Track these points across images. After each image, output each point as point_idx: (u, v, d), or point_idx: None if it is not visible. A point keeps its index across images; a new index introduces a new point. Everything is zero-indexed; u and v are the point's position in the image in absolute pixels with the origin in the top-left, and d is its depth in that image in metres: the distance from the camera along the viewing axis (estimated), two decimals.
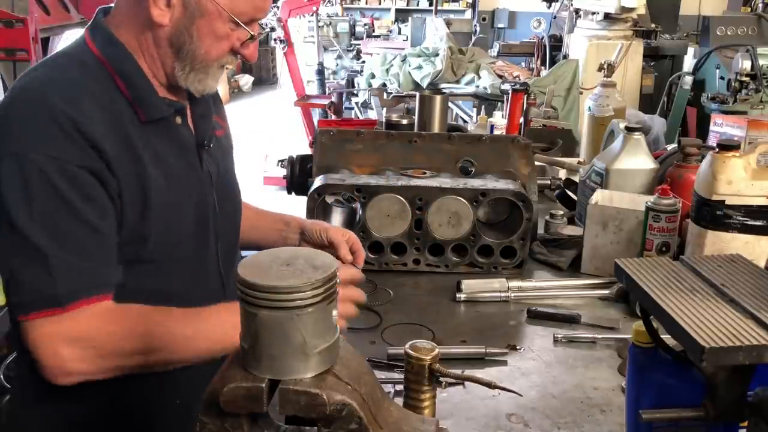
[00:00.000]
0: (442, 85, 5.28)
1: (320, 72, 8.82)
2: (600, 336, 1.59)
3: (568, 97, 4.60)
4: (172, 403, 1.39)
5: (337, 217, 2.02)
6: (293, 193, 2.18)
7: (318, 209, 1.89)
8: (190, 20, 1.28)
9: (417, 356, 1.07)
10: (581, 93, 4.56)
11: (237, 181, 1.59)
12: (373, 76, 6.11)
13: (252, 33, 1.34)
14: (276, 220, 1.72)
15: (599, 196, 1.95)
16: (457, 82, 5.41)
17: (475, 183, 1.92)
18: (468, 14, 10.69)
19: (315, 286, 0.77)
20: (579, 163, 2.81)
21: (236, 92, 13.39)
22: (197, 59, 1.32)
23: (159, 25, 1.28)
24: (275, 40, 8.17)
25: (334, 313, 0.81)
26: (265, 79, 14.60)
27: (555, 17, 6.14)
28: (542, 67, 5.75)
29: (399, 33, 11.81)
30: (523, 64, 6.38)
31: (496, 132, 3.14)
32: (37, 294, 1.16)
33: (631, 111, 3.35)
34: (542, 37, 6.03)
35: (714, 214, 1.64)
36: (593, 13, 5.08)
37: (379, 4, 13.86)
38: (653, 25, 5.55)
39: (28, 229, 1.15)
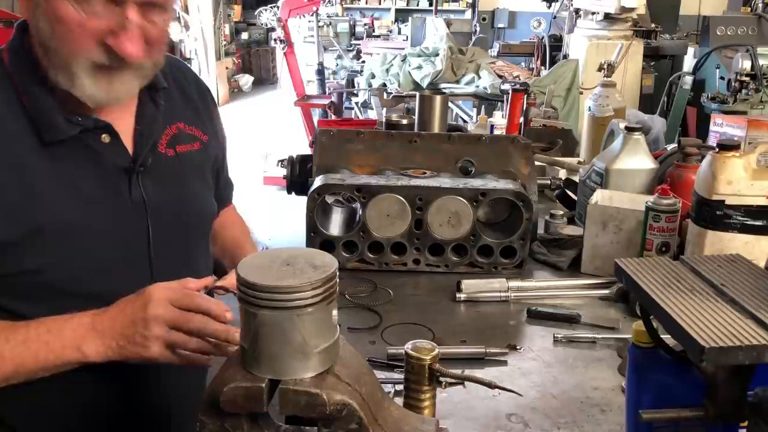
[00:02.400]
0: (442, 85, 5.29)
1: (320, 72, 8.82)
2: (600, 336, 1.59)
3: (568, 97, 4.61)
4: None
5: (337, 217, 2.02)
6: (293, 193, 2.18)
7: (318, 209, 1.89)
8: (36, 6, 1.11)
9: (417, 356, 1.08)
10: (581, 93, 4.57)
11: (203, 201, 1.44)
12: (373, 76, 6.11)
13: (121, 18, 1.10)
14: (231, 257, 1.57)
15: (599, 196, 1.95)
16: (457, 82, 5.42)
17: (475, 183, 1.92)
18: (468, 14, 10.70)
19: (315, 286, 0.77)
20: (579, 163, 2.81)
21: (236, 92, 13.41)
22: (53, 54, 1.13)
23: (27, 20, 1.15)
24: (275, 40, 8.18)
25: (334, 313, 0.81)
26: (265, 79, 14.61)
27: (555, 17, 6.15)
28: (542, 67, 5.76)
29: (399, 33, 11.83)
30: (523, 64, 6.39)
31: (496, 132, 3.14)
32: None
33: (631, 111, 3.35)
34: (542, 37, 6.04)
35: (714, 214, 1.64)
36: (593, 13, 5.09)
37: (379, 4, 13.88)
38: (653, 25, 5.56)
39: None
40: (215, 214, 1.50)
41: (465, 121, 5.06)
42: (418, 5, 13.51)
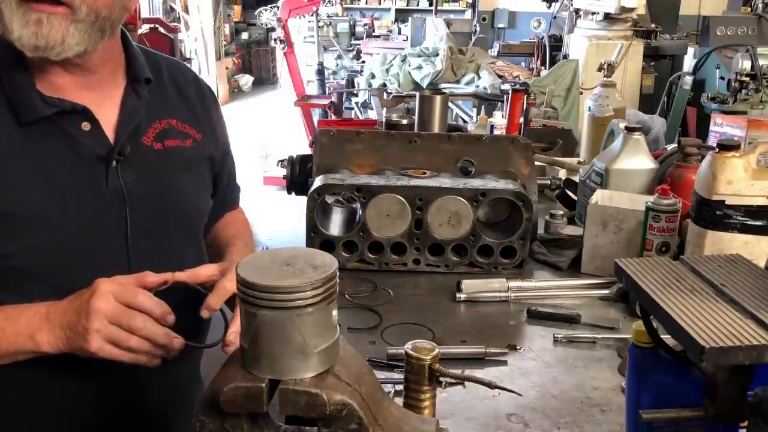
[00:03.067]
0: (442, 85, 5.29)
1: (320, 72, 8.83)
2: (600, 336, 1.59)
3: (568, 97, 4.61)
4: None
5: (337, 217, 2.02)
6: (293, 193, 2.18)
7: (318, 209, 1.89)
8: None
9: (417, 356, 1.08)
10: (581, 93, 4.57)
11: (193, 197, 1.42)
12: (373, 76, 6.12)
13: None
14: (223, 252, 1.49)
15: (599, 196, 1.95)
16: (457, 82, 5.42)
17: (475, 183, 1.92)
18: (468, 14, 10.71)
19: (315, 286, 0.77)
20: (579, 163, 2.81)
21: (236, 92, 13.41)
22: None
23: None
24: (275, 40, 8.19)
25: (334, 313, 0.81)
26: (265, 79, 14.62)
27: (555, 17, 6.15)
28: (542, 67, 5.76)
29: (399, 33, 11.83)
30: (523, 64, 6.40)
31: (496, 132, 3.14)
32: None
33: (631, 111, 3.35)
34: (542, 37, 6.03)
35: (714, 214, 1.64)
36: (593, 13, 5.09)
37: (379, 4, 13.89)
38: (653, 25, 5.56)
39: None
40: (207, 212, 1.48)
41: (465, 121, 5.06)
42: (418, 5, 13.51)
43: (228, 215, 1.62)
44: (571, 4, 5.37)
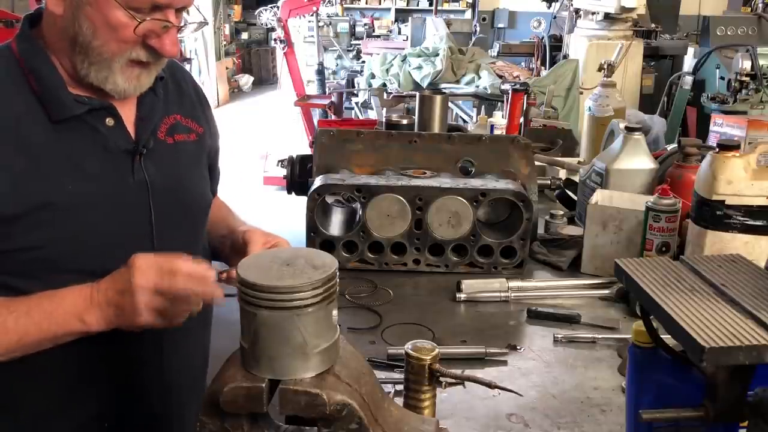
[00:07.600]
0: (442, 85, 5.29)
1: (320, 72, 8.83)
2: (600, 336, 1.59)
3: (568, 97, 4.61)
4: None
5: (337, 217, 2.02)
6: (293, 193, 2.18)
7: (318, 209, 1.89)
8: (77, 8, 1.19)
9: (417, 356, 1.08)
10: (581, 93, 4.56)
11: (201, 189, 1.49)
12: (373, 76, 6.11)
13: (165, 21, 1.21)
14: (224, 227, 1.56)
15: (599, 196, 1.95)
16: (457, 82, 5.41)
17: (475, 183, 1.92)
18: (468, 14, 10.72)
19: (315, 286, 0.77)
20: (579, 163, 2.81)
21: (236, 92, 13.41)
22: (93, 52, 1.21)
23: (55, 14, 1.22)
24: (275, 40, 8.18)
25: (334, 313, 0.81)
26: (265, 79, 14.62)
27: (555, 17, 6.14)
28: (542, 67, 5.75)
29: (399, 33, 11.83)
30: (523, 64, 6.38)
31: (496, 132, 3.14)
32: None
33: (631, 111, 3.35)
34: (542, 37, 6.03)
35: (714, 214, 1.64)
36: (593, 13, 5.08)
37: (379, 4, 13.88)
38: (653, 25, 5.55)
39: None
40: (210, 203, 1.53)
41: (465, 121, 5.06)
42: (418, 5, 13.50)
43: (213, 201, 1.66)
44: (571, 4, 5.36)
